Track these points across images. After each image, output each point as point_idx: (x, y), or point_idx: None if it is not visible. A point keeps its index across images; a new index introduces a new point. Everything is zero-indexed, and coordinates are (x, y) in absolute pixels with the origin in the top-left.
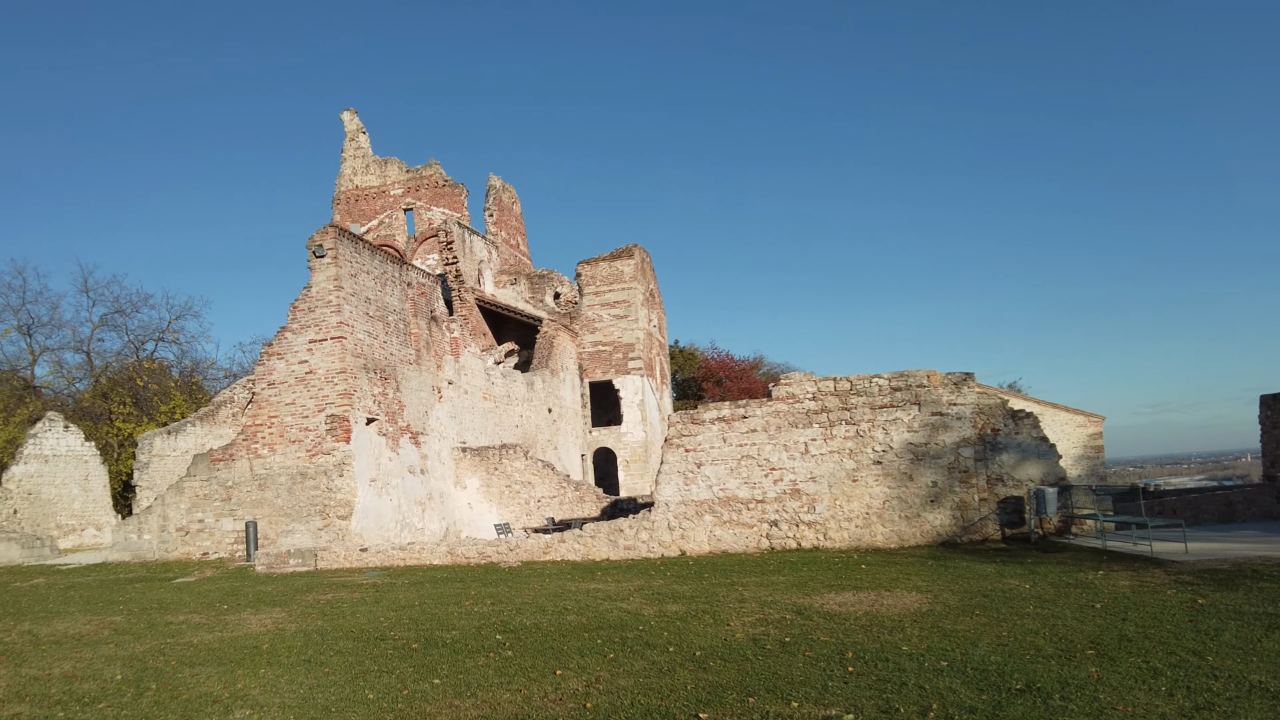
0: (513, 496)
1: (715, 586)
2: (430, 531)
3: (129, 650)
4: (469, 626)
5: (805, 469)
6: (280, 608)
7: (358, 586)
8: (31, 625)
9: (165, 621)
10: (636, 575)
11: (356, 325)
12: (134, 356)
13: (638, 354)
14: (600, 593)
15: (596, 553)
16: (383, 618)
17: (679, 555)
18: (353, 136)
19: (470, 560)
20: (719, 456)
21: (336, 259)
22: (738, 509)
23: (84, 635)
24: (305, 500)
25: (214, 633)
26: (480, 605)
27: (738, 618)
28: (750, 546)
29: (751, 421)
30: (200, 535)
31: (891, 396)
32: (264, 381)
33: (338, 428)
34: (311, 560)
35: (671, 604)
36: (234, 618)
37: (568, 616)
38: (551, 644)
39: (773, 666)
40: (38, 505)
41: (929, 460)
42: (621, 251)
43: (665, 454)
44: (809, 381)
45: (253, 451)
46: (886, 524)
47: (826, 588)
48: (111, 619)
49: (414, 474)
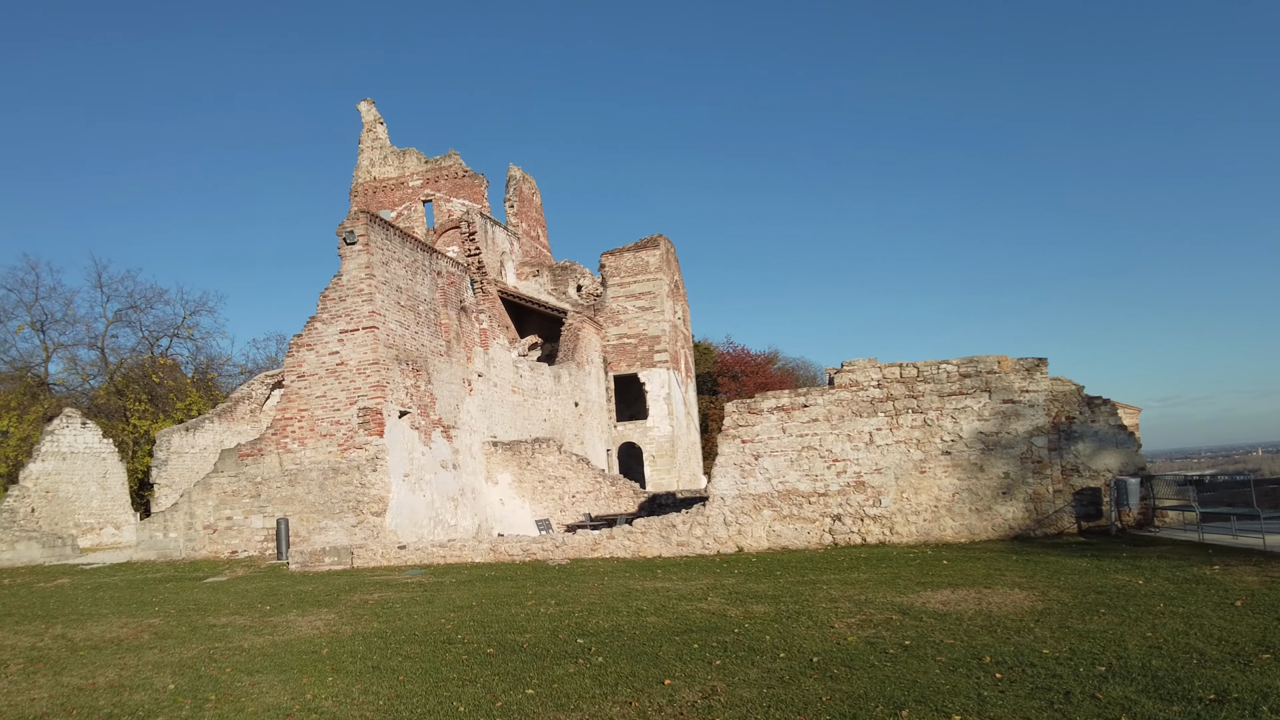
0: (546, 492)
1: (795, 585)
2: (463, 528)
3: (176, 656)
4: (542, 629)
5: (870, 460)
6: (327, 608)
7: (403, 585)
8: (65, 629)
9: (207, 624)
10: (701, 573)
11: (388, 315)
12: (149, 353)
13: (663, 346)
14: (671, 592)
15: (648, 549)
16: (443, 619)
17: (736, 552)
18: (370, 127)
19: (514, 558)
20: (778, 448)
21: (368, 246)
22: (798, 503)
23: (122, 639)
24: (338, 496)
25: (263, 636)
26: (544, 606)
27: (838, 619)
28: (812, 542)
29: (812, 410)
30: (229, 533)
31: (960, 383)
32: (293, 374)
33: (370, 421)
34: (347, 558)
35: (755, 604)
36: (280, 619)
37: (647, 618)
38: (643, 649)
39: (906, 673)
40: (55, 503)
41: (1000, 450)
42: (646, 242)
43: (721, 445)
44: (873, 368)
45: (282, 446)
46: (956, 517)
47: (918, 585)
48: (149, 621)
49: (446, 469)
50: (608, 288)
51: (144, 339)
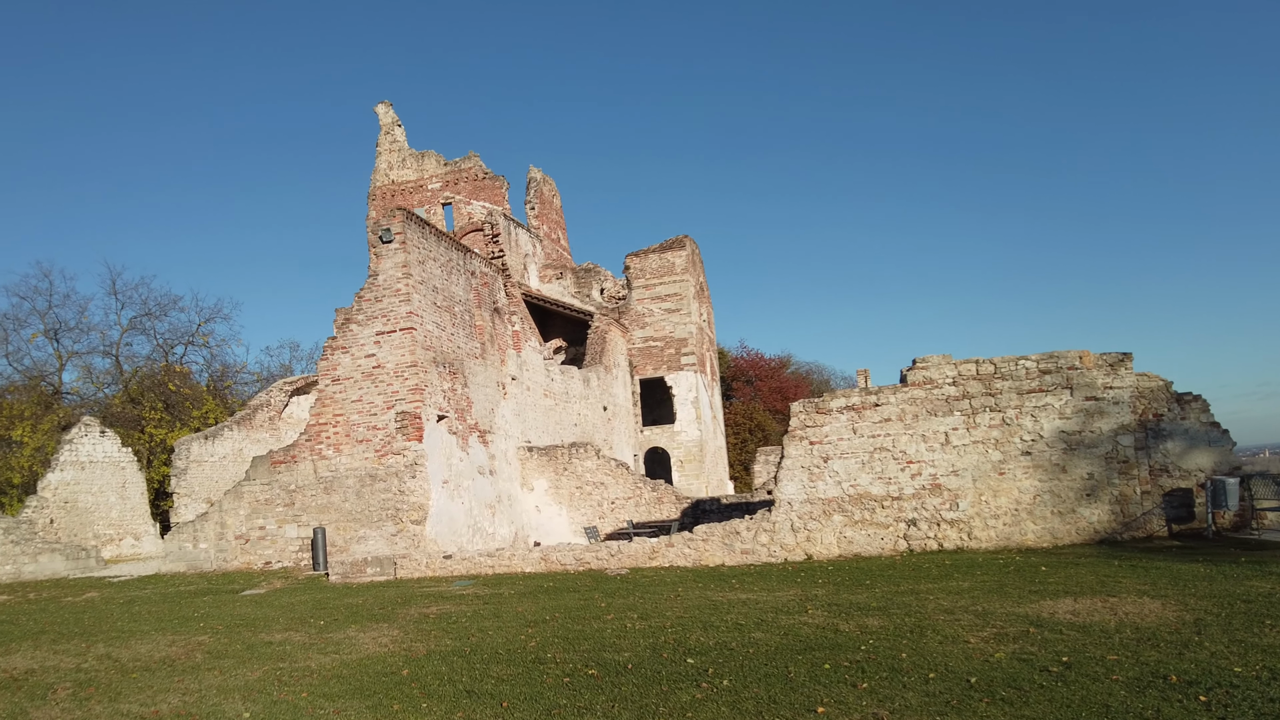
0: (584, 498)
1: (895, 595)
2: (500, 536)
3: (240, 678)
4: (639, 646)
5: (946, 461)
6: (386, 623)
7: (458, 598)
8: (107, 647)
9: (262, 641)
10: (781, 583)
11: (425, 316)
12: (163, 361)
13: (690, 349)
14: (760, 604)
15: (710, 558)
16: (521, 635)
17: (805, 560)
18: (388, 130)
19: (567, 567)
20: (848, 449)
21: (405, 244)
22: (871, 507)
23: (174, 659)
24: (375, 504)
25: (328, 655)
26: (627, 620)
27: (968, 633)
28: (885, 549)
29: (884, 410)
30: (261, 543)
31: (1040, 380)
32: (327, 377)
33: (409, 425)
34: (390, 569)
35: (864, 617)
36: (339, 636)
37: (752, 634)
38: (767, 670)
39: (1087, 695)
40: (74, 514)
41: (1084, 450)
42: (672, 243)
43: (787, 447)
44: (948, 365)
45: (316, 453)
46: (1038, 521)
47: (1031, 594)
48: (197, 639)
49: (483, 475)
50: (633, 290)
51: (158, 346)
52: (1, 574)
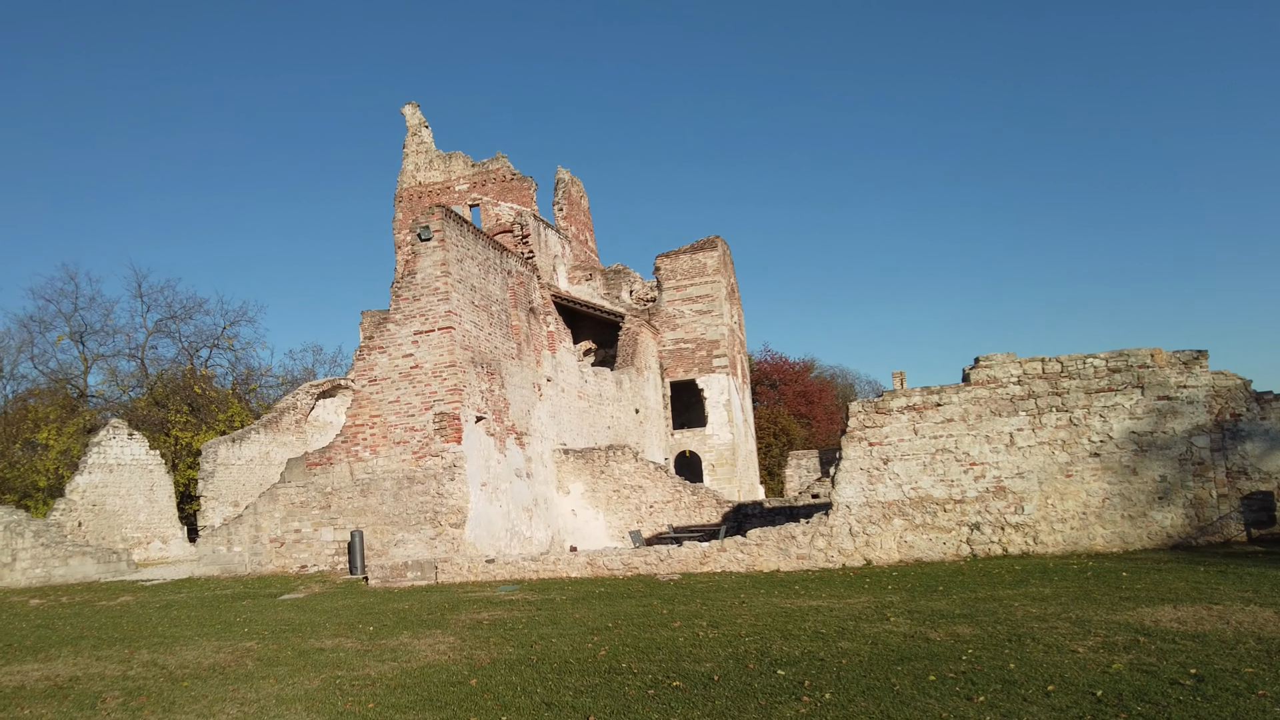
0: (621, 502)
1: (977, 602)
2: (537, 540)
3: (298, 687)
4: (720, 657)
5: (1011, 463)
6: (439, 629)
7: (509, 603)
8: (152, 653)
9: (313, 648)
10: (848, 589)
11: (464, 315)
12: (188, 363)
13: (722, 351)
14: (835, 611)
15: (764, 563)
16: (586, 643)
17: (864, 565)
18: (415, 131)
19: (614, 572)
20: (909, 450)
21: (444, 242)
22: (932, 510)
23: (224, 667)
24: (413, 507)
25: (385, 662)
26: (697, 629)
27: (1072, 642)
28: (948, 554)
29: (947, 410)
30: (297, 546)
31: (1109, 379)
32: (364, 378)
33: (447, 427)
34: (431, 573)
35: (951, 625)
36: (392, 642)
37: (838, 644)
38: (867, 682)
39: (1237, 712)
40: (102, 517)
41: (1155, 451)
42: (704, 243)
43: (846, 448)
44: (1012, 363)
45: (353, 454)
46: (1107, 525)
47: (1122, 601)
48: (244, 645)
49: (520, 477)
50: (663, 291)
51: (183, 350)
52: (31, 577)
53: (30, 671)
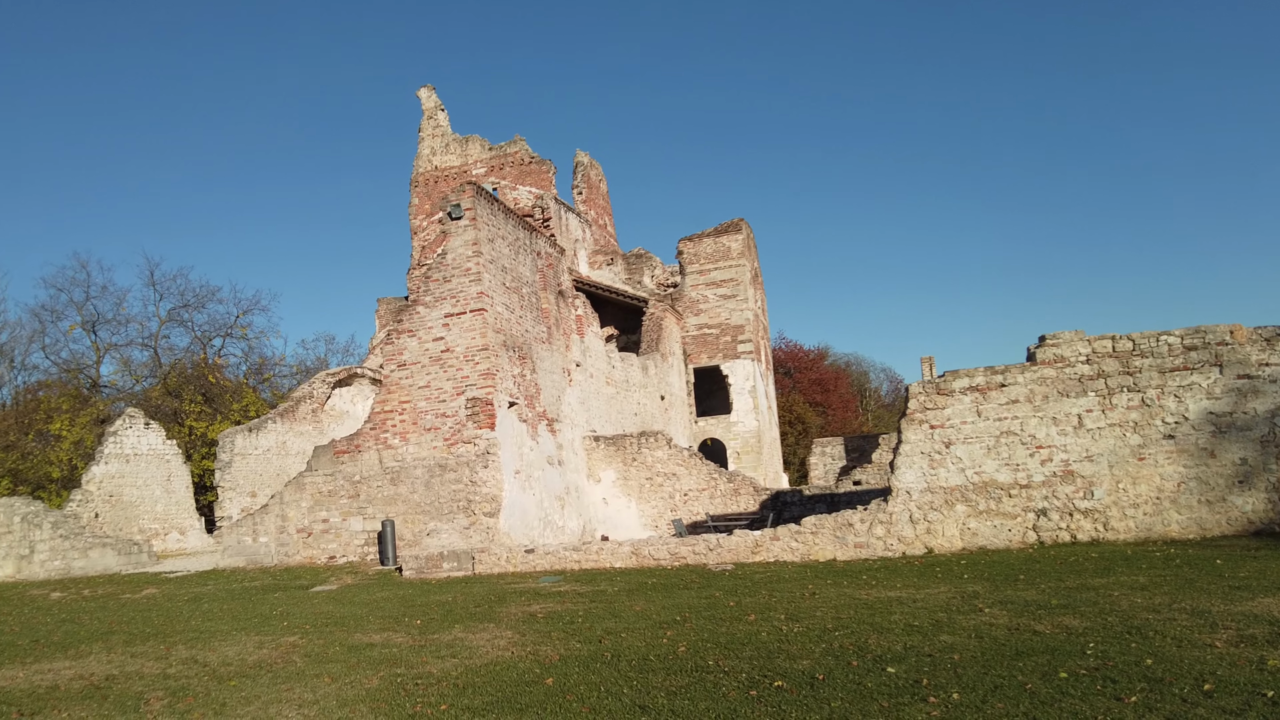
0: (654, 490)
1: (1069, 591)
2: (570, 530)
3: (356, 686)
4: (814, 654)
5: (1079, 446)
6: (492, 623)
7: (558, 595)
8: (189, 650)
9: (362, 643)
10: (921, 579)
11: (495, 297)
12: (201, 352)
13: (747, 336)
14: (919, 603)
15: (820, 552)
16: (660, 638)
17: (925, 553)
18: (431, 114)
19: (660, 562)
20: (972, 433)
21: (475, 221)
22: (996, 496)
23: (269, 664)
24: (446, 495)
25: (444, 659)
26: (774, 622)
27: (1200, 635)
28: (1014, 541)
29: (1011, 390)
30: (325, 537)
31: (1185, 357)
32: (393, 363)
33: (480, 412)
34: (467, 563)
35: (1054, 616)
36: (445, 637)
37: (940, 638)
38: (991, 680)
39: None
40: (119, 508)
41: (1235, 433)
42: (728, 226)
43: (905, 431)
44: (1080, 341)
45: (382, 442)
46: (1183, 510)
47: (1233, 590)
48: (287, 640)
49: (552, 465)
50: (686, 275)
51: (196, 339)
52: (50, 569)
53: (62, 670)
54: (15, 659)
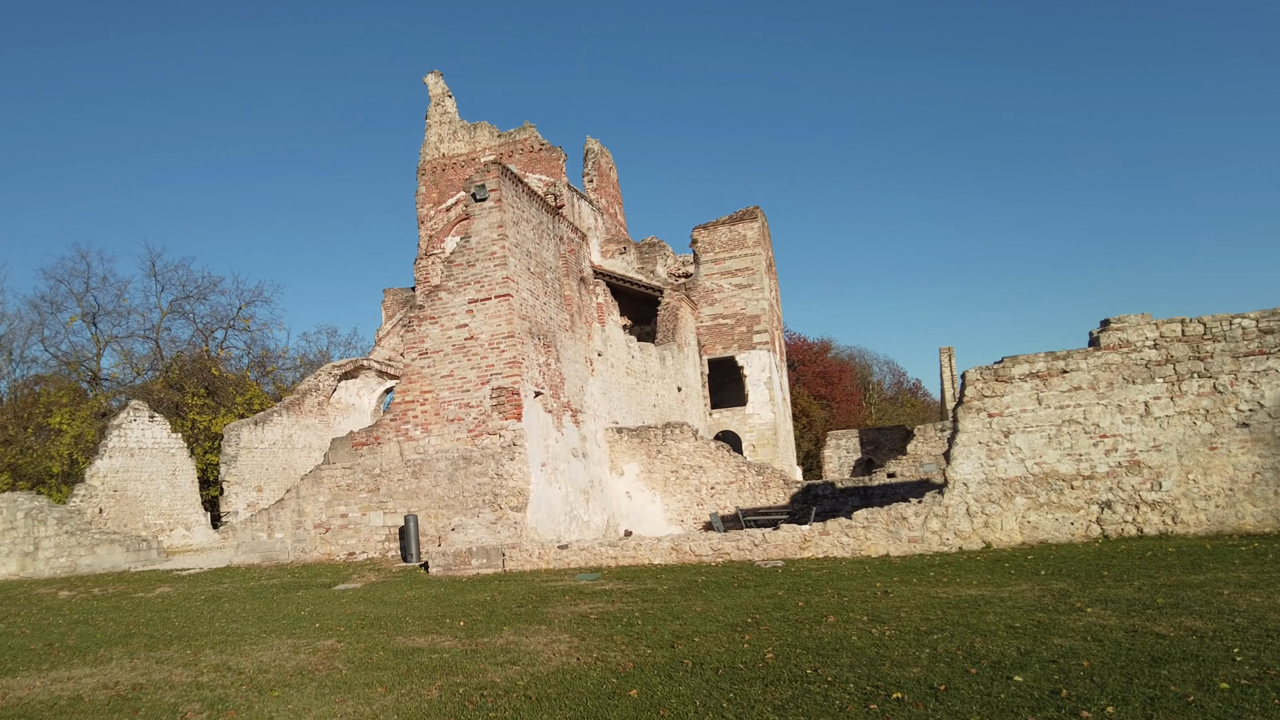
0: (680, 483)
1: (1168, 589)
2: (594, 525)
3: (415, 698)
4: (919, 660)
5: (1146, 435)
6: (541, 625)
7: (603, 594)
8: (219, 655)
9: (406, 647)
10: (996, 576)
11: (521, 282)
12: (203, 344)
13: (763, 327)
14: (1007, 602)
15: (871, 547)
16: (738, 643)
17: (983, 548)
18: (438, 101)
19: (703, 558)
20: (1032, 422)
21: (500, 203)
22: (1058, 488)
23: (310, 670)
24: (470, 489)
25: (504, 666)
26: (855, 624)
27: None
28: (1076, 534)
29: (1074, 377)
30: (343, 532)
31: (1260, 341)
32: (414, 351)
33: (506, 402)
34: (498, 560)
35: (1169, 618)
36: (497, 641)
37: (1053, 640)
38: (1147, 691)
39: None
40: (124, 503)
41: None
42: (743, 214)
43: (962, 420)
44: (1147, 325)
45: (402, 433)
46: (1259, 502)
47: None
48: (323, 643)
49: (576, 457)
50: (700, 264)
51: (198, 331)
52: (55, 567)
53: (84, 678)
54: (30, 665)
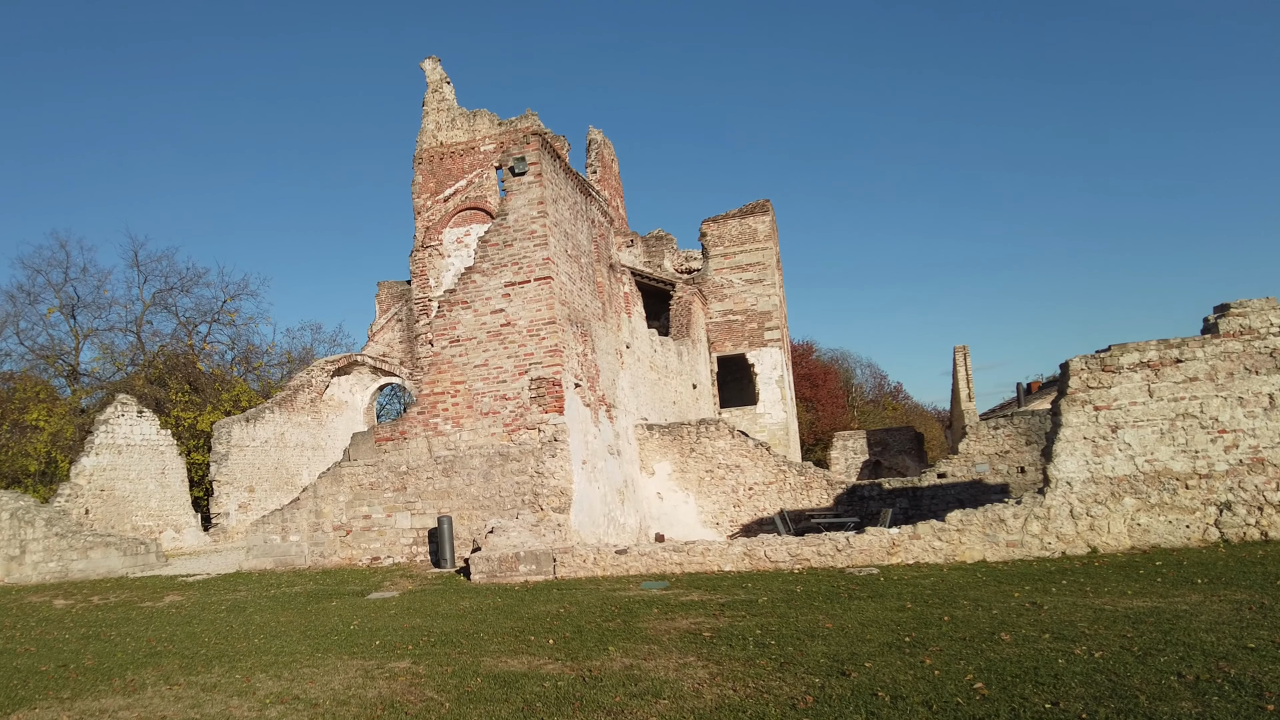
0: (715, 484)
1: None
2: (629, 527)
3: None
4: (1178, 688)
5: (1270, 430)
6: (652, 645)
7: (696, 606)
8: (275, 681)
9: (502, 672)
10: (1148, 584)
11: (560, 265)
12: (187, 339)
13: (775, 323)
14: (1197, 616)
15: (966, 552)
16: (917, 666)
17: (1087, 553)
18: (436, 87)
19: (779, 565)
20: (1143, 416)
21: (540, 178)
22: (1172, 488)
23: (401, 704)
24: (508, 488)
25: (647, 701)
26: (1040, 642)
27: None
28: (1192, 538)
29: (1189, 367)
30: (366, 535)
31: None
32: (444, 339)
33: (546, 394)
34: (548, 566)
35: None
36: (610, 665)
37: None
38: None
39: None
40: (111, 503)
41: None
42: (754, 206)
43: (1066, 414)
44: (1272, 310)
45: (431, 428)
46: None
47: None
48: (395, 665)
49: (612, 455)
50: (709, 259)
51: (182, 324)
52: (44, 572)
53: (119, 710)
54: (47, 692)
